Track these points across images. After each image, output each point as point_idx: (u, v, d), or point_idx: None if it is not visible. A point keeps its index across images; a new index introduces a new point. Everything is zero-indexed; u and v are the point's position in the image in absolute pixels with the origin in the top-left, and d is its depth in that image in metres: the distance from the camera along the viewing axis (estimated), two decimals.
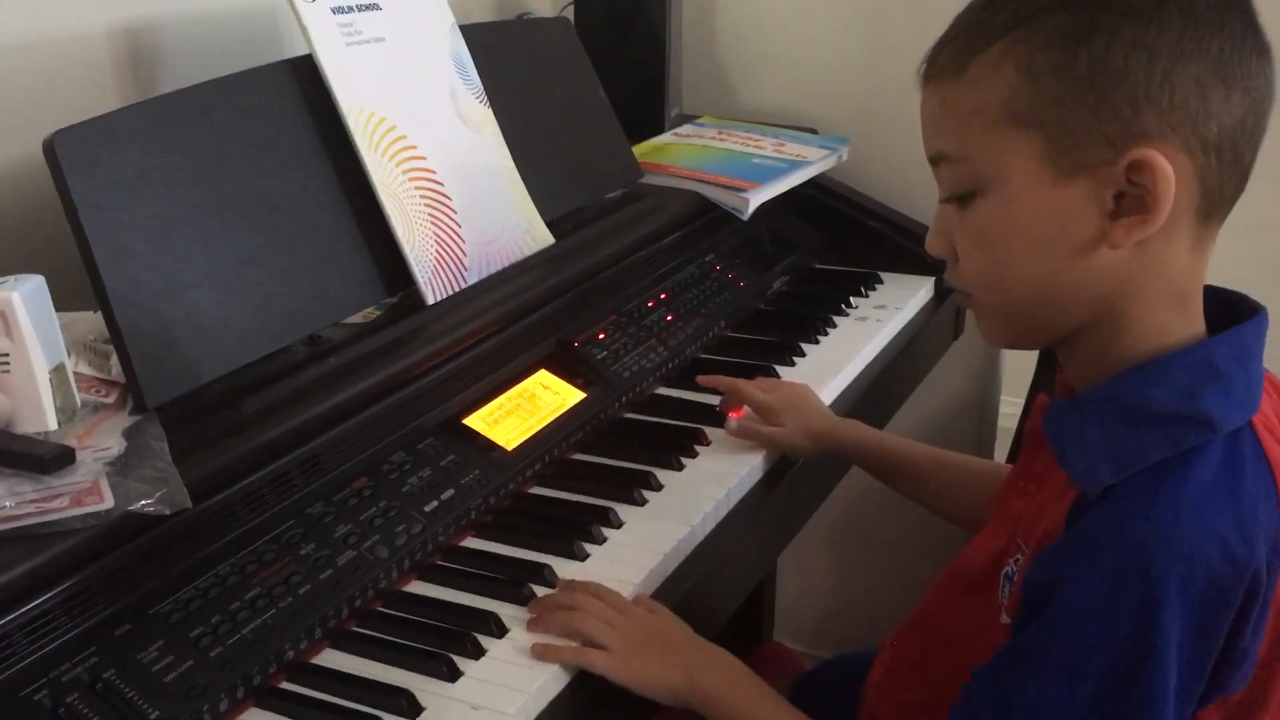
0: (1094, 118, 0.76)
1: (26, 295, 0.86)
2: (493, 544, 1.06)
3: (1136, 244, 0.78)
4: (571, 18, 1.67)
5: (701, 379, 1.27)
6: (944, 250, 0.86)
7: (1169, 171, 0.75)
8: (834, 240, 1.73)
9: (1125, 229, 0.77)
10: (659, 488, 1.14)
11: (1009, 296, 0.84)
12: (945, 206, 0.84)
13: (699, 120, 1.79)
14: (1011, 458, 1.57)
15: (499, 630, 0.94)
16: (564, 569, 1.01)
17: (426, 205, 1.19)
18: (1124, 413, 0.79)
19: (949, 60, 0.81)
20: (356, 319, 1.13)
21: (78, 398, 0.92)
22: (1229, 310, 0.84)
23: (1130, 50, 0.75)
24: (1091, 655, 0.74)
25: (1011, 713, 0.78)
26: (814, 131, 1.77)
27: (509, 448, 1.13)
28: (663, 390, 1.34)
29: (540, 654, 0.91)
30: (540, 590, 0.98)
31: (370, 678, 0.89)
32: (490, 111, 1.32)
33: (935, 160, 0.84)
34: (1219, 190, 0.78)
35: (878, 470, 1.22)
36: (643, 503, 1.12)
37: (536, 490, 1.15)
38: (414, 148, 1.20)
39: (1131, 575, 0.73)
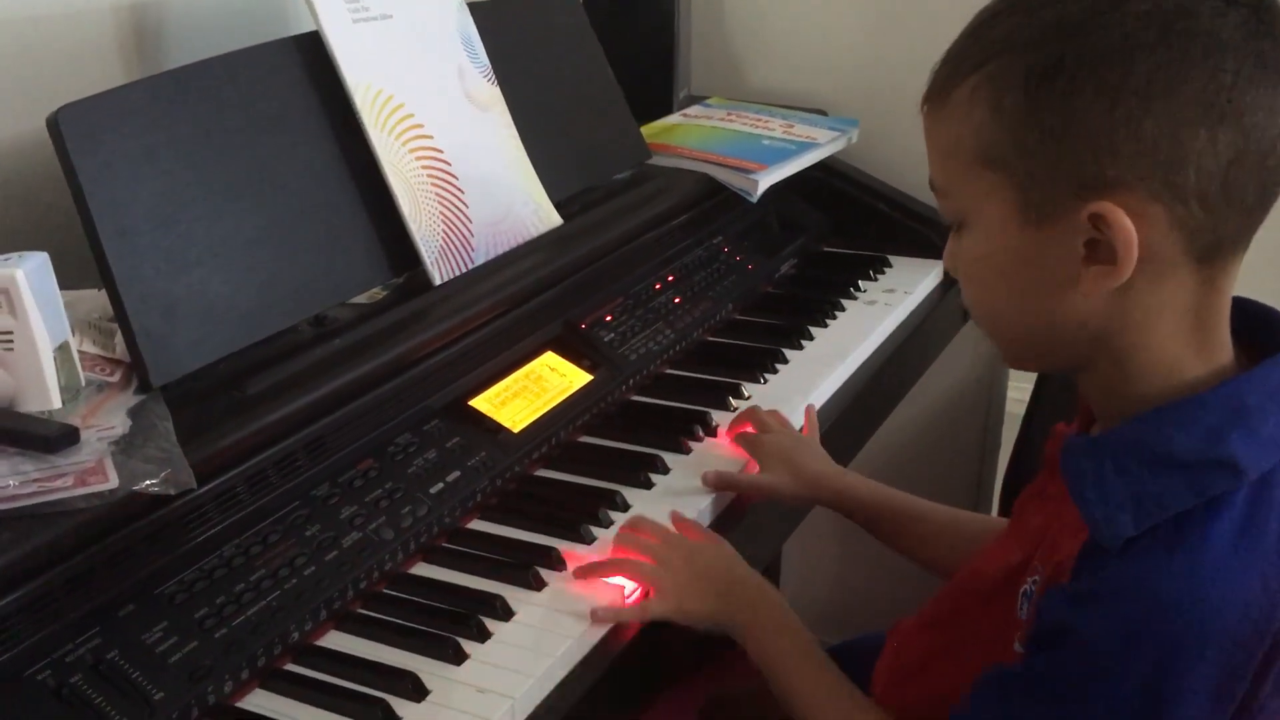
0: (1057, 165, 0.73)
1: (30, 272, 0.86)
2: (498, 526, 1.05)
3: (1119, 290, 0.74)
4: None
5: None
6: (954, 270, 0.85)
7: (1127, 225, 0.71)
8: (843, 223, 1.72)
9: (1093, 278, 0.74)
10: (666, 471, 1.14)
11: (998, 327, 0.83)
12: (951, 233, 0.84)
13: (707, 101, 1.78)
14: (1016, 453, 1.56)
15: (505, 613, 0.93)
16: (570, 553, 1.01)
17: (434, 185, 1.18)
18: (1145, 458, 0.75)
19: (936, 87, 0.79)
20: (362, 299, 1.13)
21: (82, 376, 0.91)
22: (1261, 326, 0.79)
23: (1093, 94, 0.70)
24: (1098, 702, 0.73)
25: None
26: (823, 113, 1.76)
27: (515, 430, 1.12)
28: (670, 372, 1.33)
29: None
30: (546, 573, 0.98)
31: (376, 660, 0.89)
32: (498, 91, 1.31)
33: (932, 187, 0.82)
34: (1212, 235, 0.73)
35: (865, 521, 1.16)
36: (649, 486, 1.11)
37: (543, 473, 1.14)
38: (421, 126, 1.19)
39: (1147, 634, 0.71)
